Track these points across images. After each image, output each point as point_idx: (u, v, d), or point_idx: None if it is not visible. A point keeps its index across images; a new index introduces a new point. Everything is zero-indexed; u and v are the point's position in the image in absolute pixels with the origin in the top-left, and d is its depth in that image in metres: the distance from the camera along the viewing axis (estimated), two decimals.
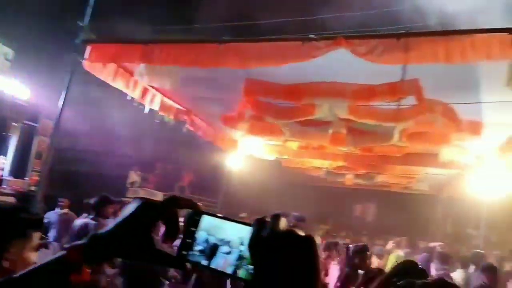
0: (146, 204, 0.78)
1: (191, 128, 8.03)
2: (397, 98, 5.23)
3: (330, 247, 7.37)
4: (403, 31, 4.25)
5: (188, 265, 0.78)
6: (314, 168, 11.71)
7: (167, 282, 5.57)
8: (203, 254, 0.77)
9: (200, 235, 0.79)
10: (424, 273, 3.42)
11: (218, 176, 12.50)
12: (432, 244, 8.95)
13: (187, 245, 0.78)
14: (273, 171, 13.61)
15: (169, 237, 0.78)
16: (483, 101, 5.48)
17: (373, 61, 4.28)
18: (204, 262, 0.77)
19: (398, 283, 2.51)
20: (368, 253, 5.77)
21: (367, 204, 19.01)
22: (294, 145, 9.52)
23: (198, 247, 0.78)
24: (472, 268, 6.58)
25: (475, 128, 6.22)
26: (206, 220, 0.80)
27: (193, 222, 0.80)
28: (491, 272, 5.27)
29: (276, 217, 0.68)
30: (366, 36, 4.49)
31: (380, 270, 4.60)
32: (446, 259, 6.65)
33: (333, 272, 6.01)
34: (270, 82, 5.79)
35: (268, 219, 0.69)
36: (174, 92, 6.86)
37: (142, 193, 12.66)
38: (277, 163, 12.05)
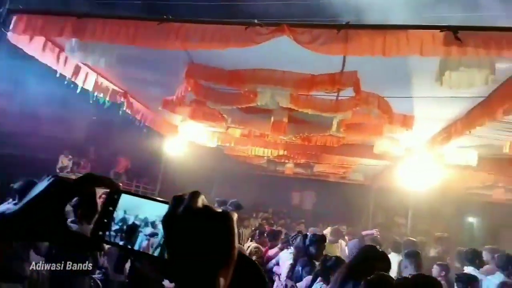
0: (58, 182, 0.73)
1: (129, 111, 7.69)
2: (337, 89, 5.37)
3: (275, 235, 7.43)
4: (344, 23, 4.34)
5: (105, 246, 0.75)
6: (255, 156, 11.82)
7: (98, 271, 5.33)
8: (121, 234, 0.73)
9: (119, 215, 0.74)
10: (385, 255, 3.49)
11: (156, 162, 12.18)
12: (366, 232, 9.36)
13: (104, 225, 0.73)
14: (214, 158, 13.53)
15: (84, 217, 0.75)
16: (415, 96, 5.80)
17: (314, 51, 4.33)
18: (122, 243, 0.73)
19: (368, 277, 2.53)
20: (325, 243, 5.82)
21: (306, 193, 19.59)
22: (236, 132, 9.51)
23: (115, 227, 0.73)
24: (404, 253, 7.03)
25: (406, 121, 6.58)
26: (125, 200, 0.75)
27: (111, 201, 0.74)
28: (414, 257, 5.70)
29: (193, 194, 0.64)
30: (308, 25, 4.53)
31: (338, 259, 4.59)
32: (377, 245, 7.01)
33: (285, 263, 5.86)
34: (212, 66, 5.69)
35: (186, 197, 0.65)
36: (110, 72, 6.50)
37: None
38: (219, 151, 11.98)
